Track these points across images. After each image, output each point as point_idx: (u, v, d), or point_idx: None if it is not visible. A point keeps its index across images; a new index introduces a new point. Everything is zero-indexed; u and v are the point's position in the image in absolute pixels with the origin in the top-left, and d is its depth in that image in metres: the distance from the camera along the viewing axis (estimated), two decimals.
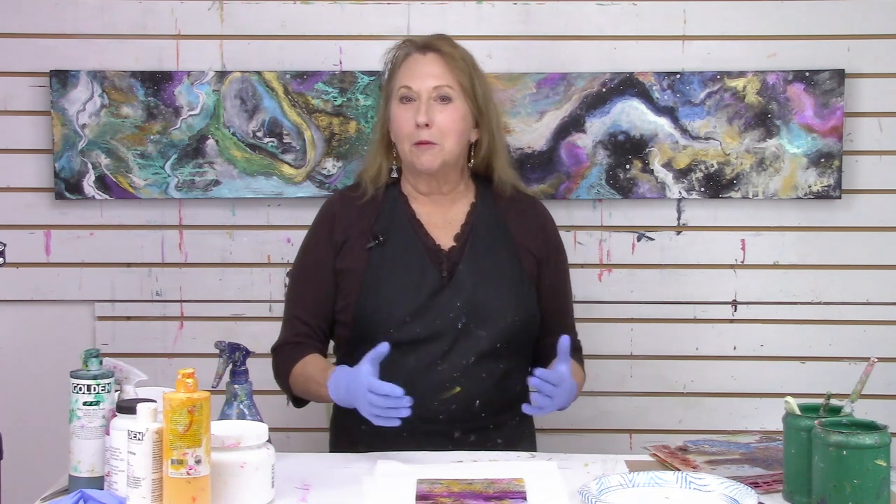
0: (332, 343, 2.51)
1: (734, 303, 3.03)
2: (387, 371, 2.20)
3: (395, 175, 2.48)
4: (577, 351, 2.49)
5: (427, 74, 2.40)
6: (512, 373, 2.40)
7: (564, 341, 2.19)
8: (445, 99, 2.40)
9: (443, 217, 2.46)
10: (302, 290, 2.46)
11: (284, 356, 2.42)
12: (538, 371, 2.18)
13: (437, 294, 2.37)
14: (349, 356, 2.36)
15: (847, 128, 2.97)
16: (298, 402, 2.46)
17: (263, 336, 2.96)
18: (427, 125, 2.37)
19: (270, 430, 1.94)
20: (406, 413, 2.09)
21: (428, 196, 2.47)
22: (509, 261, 2.43)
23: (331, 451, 2.48)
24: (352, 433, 2.38)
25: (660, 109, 2.96)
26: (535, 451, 2.42)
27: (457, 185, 2.48)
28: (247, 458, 1.86)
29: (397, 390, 2.08)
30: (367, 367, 2.13)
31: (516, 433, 2.44)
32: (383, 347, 2.14)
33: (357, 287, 2.39)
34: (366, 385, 2.10)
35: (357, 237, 2.43)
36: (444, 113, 2.39)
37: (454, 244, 2.43)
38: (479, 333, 2.36)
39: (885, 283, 3.02)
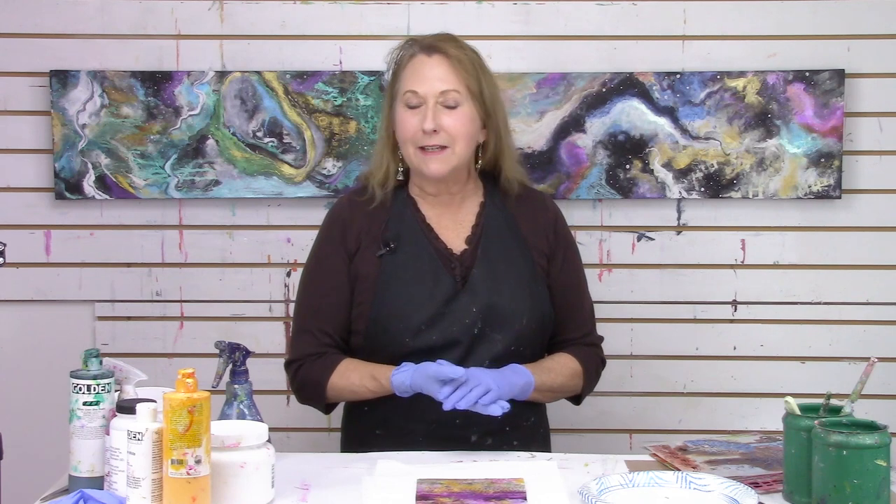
0: None
1: (734, 303, 3.03)
2: None
3: (401, 177, 2.44)
4: (588, 346, 2.46)
5: (433, 78, 2.33)
6: None
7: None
8: (453, 103, 2.33)
9: (452, 219, 2.42)
10: (320, 301, 2.38)
11: (314, 368, 2.36)
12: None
13: (453, 300, 2.33)
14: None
15: (847, 128, 2.97)
16: (329, 407, 2.43)
17: (263, 336, 2.97)
18: (435, 131, 2.31)
19: (270, 430, 1.94)
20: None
21: (436, 197, 2.43)
22: (522, 261, 2.40)
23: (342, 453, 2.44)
24: (365, 437, 2.37)
25: (660, 109, 2.96)
26: (549, 451, 2.41)
27: (465, 184, 2.44)
28: (247, 458, 1.86)
29: (457, 370, 2.16)
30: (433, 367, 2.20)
31: (530, 433, 2.40)
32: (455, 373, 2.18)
33: (370, 295, 2.35)
34: (427, 373, 2.19)
35: (369, 244, 2.38)
36: (452, 117, 2.33)
37: (466, 247, 2.39)
38: (495, 337, 2.33)
39: (885, 283, 3.02)
